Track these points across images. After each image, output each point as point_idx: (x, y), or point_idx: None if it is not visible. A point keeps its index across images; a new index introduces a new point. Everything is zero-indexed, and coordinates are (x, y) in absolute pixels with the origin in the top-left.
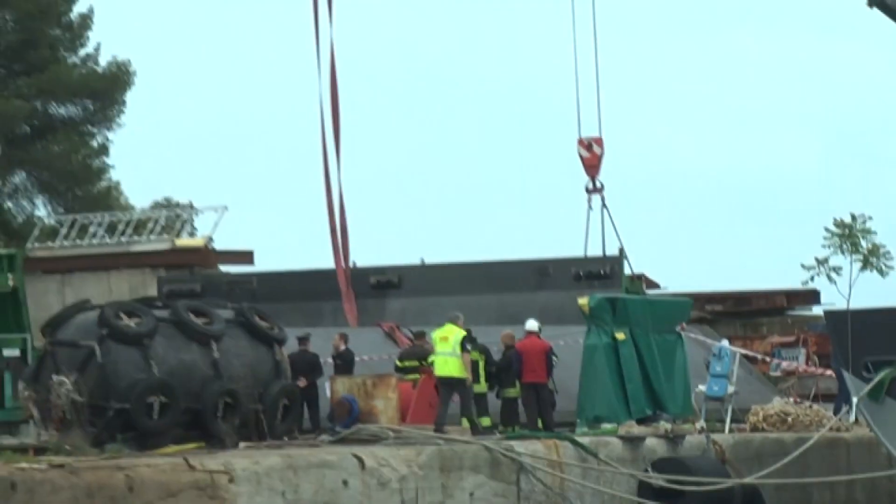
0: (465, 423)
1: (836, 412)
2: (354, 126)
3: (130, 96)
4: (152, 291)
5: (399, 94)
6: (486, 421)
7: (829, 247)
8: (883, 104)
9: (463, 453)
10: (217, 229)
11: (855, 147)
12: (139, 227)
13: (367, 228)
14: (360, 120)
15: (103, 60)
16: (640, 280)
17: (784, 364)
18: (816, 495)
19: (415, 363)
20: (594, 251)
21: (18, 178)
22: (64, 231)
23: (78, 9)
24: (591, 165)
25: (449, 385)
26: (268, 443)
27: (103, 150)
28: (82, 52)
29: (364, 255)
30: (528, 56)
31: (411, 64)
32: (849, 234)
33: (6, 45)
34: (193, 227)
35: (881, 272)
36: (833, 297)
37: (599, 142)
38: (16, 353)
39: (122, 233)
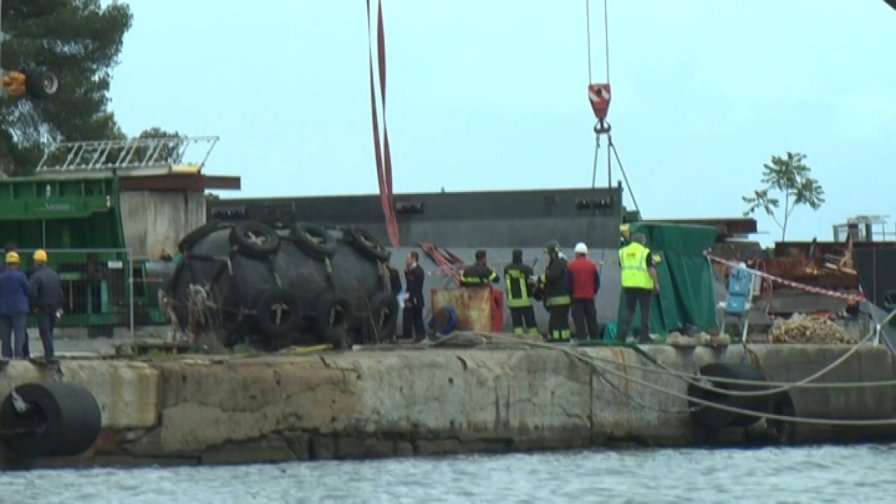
0: (518, 331)
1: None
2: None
3: (127, 36)
4: (151, 212)
5: (423, 33)
6: (533, 331)
7: (767, 181)
8: None
9: (546, 357)
10: (209, 157)
11: None
12: (137, 153)
13: (394, 159)
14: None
15: (104, 3)
16: (636, 212)
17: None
18: (833, 399)
19: (476, 279)
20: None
21: (25, 107)
22: (70, 157)
23: None
24: (600, 109)
25: (634, 294)
26: (381, 345)
27: (104, 84)
28: None
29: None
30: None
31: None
32: (785, 171)
33: None
34: (179, 155)
35: (813, 204)
36: (770, 226)
37: (607, 87)
38: (119, 265)
39: (122, 159)
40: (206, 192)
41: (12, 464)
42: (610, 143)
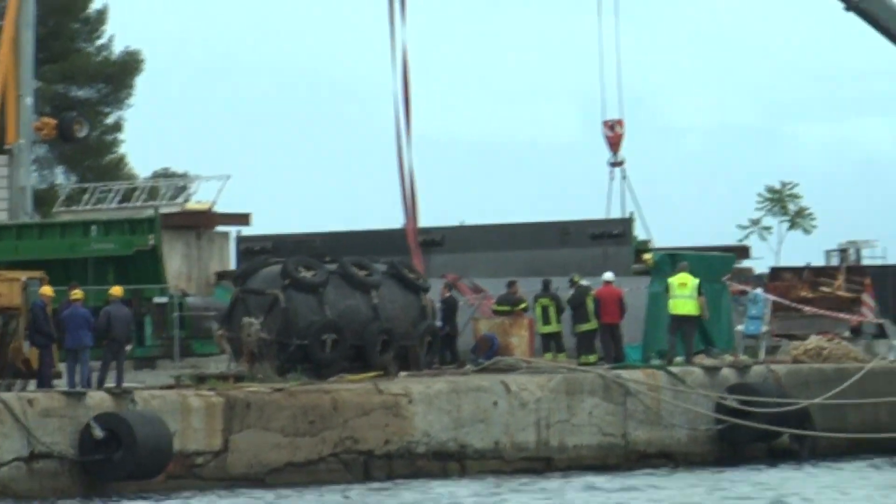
0: (548, 356)
1: None
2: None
3: (140, 80)
4: (165, 249)
5: (441, 69)
6: (562, 356)
7: (761, 209)
8: None
9: (583, 380)
10: (220, 195)
11: None
12: (151, 193)
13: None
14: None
15: (117, 49)
16: (647, 241)
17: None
18: (850, 415)
19: (508, 308)
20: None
21: (41, 150)
22: (86, 197)
23: (95, 5)
24: (614, 143)
25: (682, 321)
26: (427, 371)
27: (117, 127)
28: (98, 42)
29: None
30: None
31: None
32: (779, 199)
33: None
34: (190, 194)
35: (805, 231)
36: (763, 252)
37: (621, 123)
38: (164, 300)
39: (136, 199)
40: (231, 229)
41: (90, 489)
42: (623, 176)
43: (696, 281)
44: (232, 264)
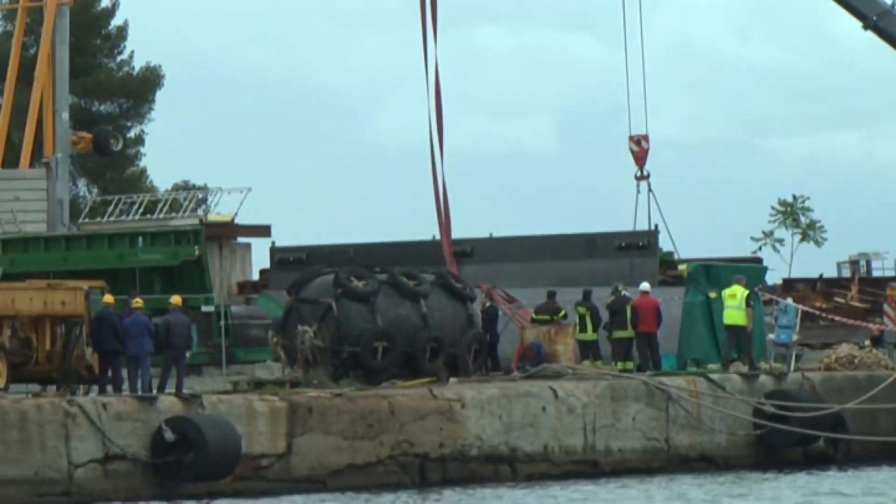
0: (586, 363)
1: None
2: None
3: (160, 95)
4: None
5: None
6: (599, 363)
7: (774, 222)
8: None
9: (627, 386)
10: (241, 207)
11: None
12: (172, 205)
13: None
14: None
15: (137, 64)
16: (671, 253)
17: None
18: (882, 420)
19: (547, 317)
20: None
21: None
22: (110, 209)
23: (115, 22)
24: (640, 157)
25: (735, 331)
26: (477, 378)
27: (139, 140)
28: (119, 58)
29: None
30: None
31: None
32: (791, 212)
33: None
34: (208, 206)
35: (817, 243)
36: (776, 264)
37: (646, 138)
38: (211, 309)
39: (160, 210)
40: (252, 240)
41: (161, 490)
42: (650, 189)
43: (745, 292)
44: (253, 275)
